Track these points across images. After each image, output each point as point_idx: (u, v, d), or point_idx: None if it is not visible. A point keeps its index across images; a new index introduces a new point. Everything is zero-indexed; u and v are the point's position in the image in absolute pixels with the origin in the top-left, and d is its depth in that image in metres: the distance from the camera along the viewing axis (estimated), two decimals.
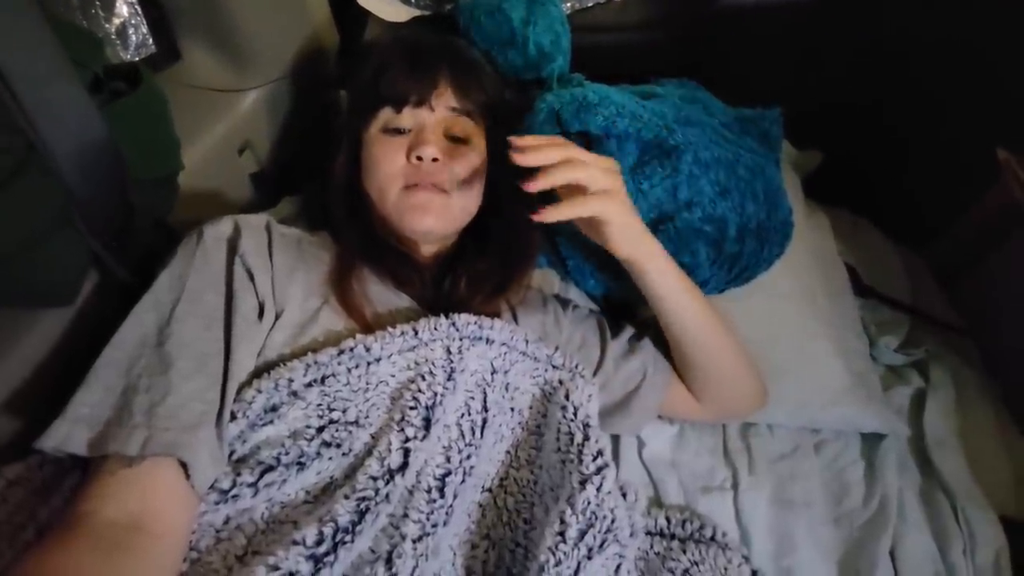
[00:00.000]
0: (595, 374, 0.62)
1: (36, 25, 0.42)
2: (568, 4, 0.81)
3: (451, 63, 0.60)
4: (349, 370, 0.48)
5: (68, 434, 0.39)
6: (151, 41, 0.69)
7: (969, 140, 0.77)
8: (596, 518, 0.47)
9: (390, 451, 0.45)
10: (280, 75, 0.76)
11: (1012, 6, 0.73)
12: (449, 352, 0.51)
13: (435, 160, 0.56)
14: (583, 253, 0.68)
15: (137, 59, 0.68)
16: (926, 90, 0.84)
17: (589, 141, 0.67)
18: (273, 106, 0.77)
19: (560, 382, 0.56)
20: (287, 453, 0.44)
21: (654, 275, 0.57)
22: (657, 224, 0.66)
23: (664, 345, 0.64)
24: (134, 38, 0.67)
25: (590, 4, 0.83)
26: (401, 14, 0.79)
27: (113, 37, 0.65)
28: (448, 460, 0.48)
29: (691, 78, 0.79)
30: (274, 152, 0.79)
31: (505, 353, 0.54)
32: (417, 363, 0.50)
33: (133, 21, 0.67)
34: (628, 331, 0.66)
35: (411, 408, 0.47)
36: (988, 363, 0.78)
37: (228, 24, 0.68)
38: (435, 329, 0.51)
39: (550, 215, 0.51)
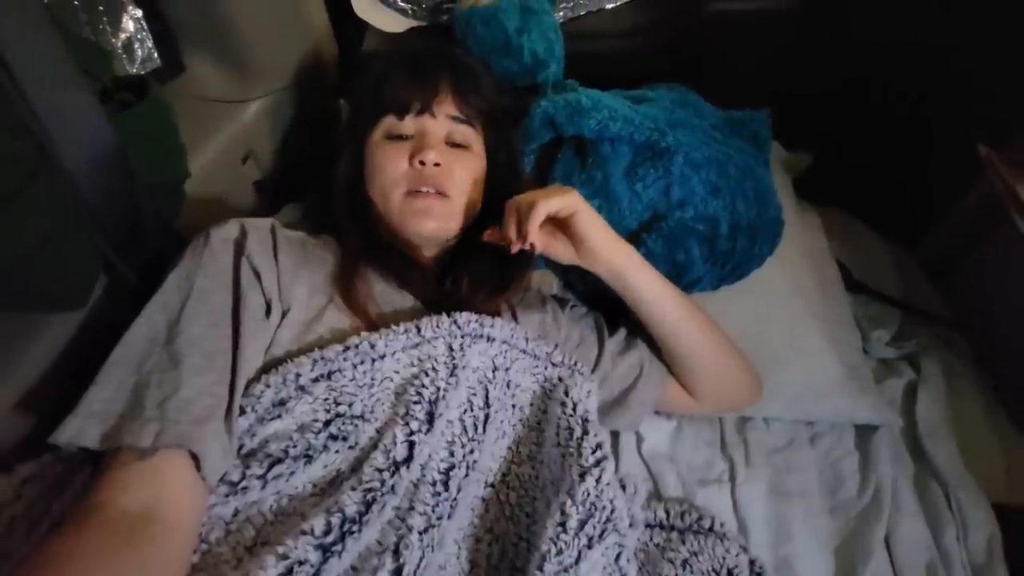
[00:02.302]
0: (593, 371, 0.63)
1: (48, 38, 0.44)
2: (561, 12, 0.83)
3: (452, 71, 0.62)
4: (355, 366, 0.49)
5: (81, 428, 0.40)
6: (156, 55, 0.71)
7: (953, 138, 0.79)
8: (596, 508, 0.48)
9: (395, 444, 0.46)
10: (281, 86, 0.78)
11: (988, 8, 0.75)
12: (451, 349, 0.52)
13: (437, 165, 0.58)
14: None
15: (143, 72, 0.70)
16: (911, 91, 0.86)
17: (584, 144, 0.69)
18: (275, 116, 0.79)
19: (559, 379, 0.58)
20: (295, 446, 0.45)
21: (636, 279, 0.59)
22: (651, 224, 0.68)
23: (654, 346, 0.65)
24: (140, 52, 0.69)
25: (582, 12, 0.85)
26: (398, 25, 0.81)
27: (120, 51, 0.67)
28: (452, 454, 0.49)
29: (681, 82, 0.81)
30: (276, 160, 0.81)
31: (506, 351, 0.55)
32: (420, 359, 0.51)
33: (139, 36, 0.68)
34: (624, 328, 0.67)
35: (415, 402, 0.48)
36: (978, 354, 0.79)
37: (230, 37, 0.70)
38: (437, 327, 0.52)
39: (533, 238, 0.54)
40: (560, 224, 0.57)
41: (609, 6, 0.86)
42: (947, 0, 0.79)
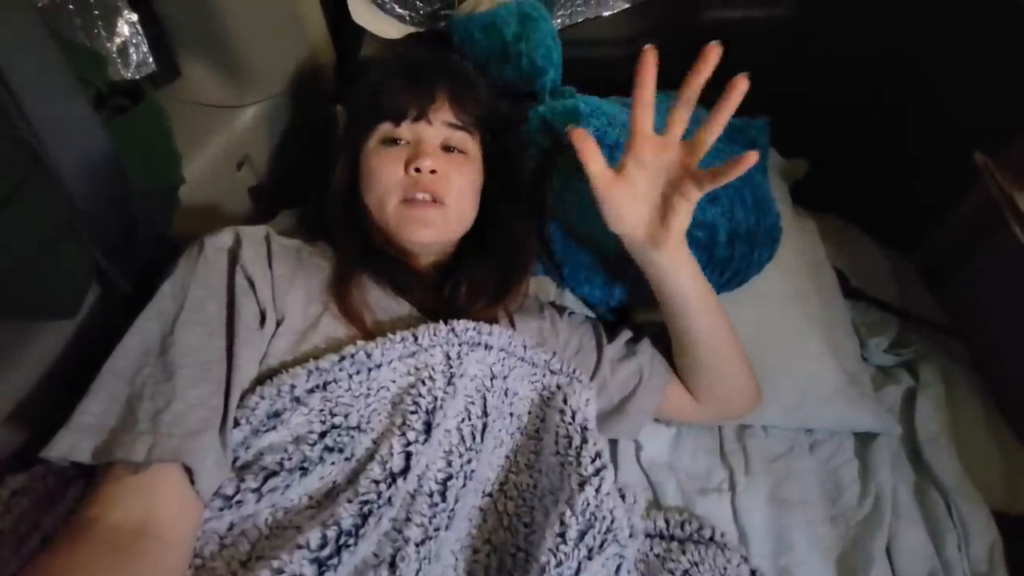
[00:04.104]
0: (592, 378, 0.62)
1: (42, 42, 0.43)
2: (559, 19, 0.83)
3: (448, 78, 0.61)
4: (350, 376, 0.48)
5: (73, 443, 0.39)
6: (151, 59, 0.70)
7: (949, 144, 0.79)
8: (595, 519, 0.48)
9: (392, 455, 0.46)
10: (278, 91, 0.77)
11: (986, 14, 0.76)
12: (449, 358, 0.51)
13: (433, 172, 0.57)
14: (577, 259, 0.69)
15: (138, 77, 0.69)
16: (907, 97, 0.87)
17: None
18: (271, 121, 0.78)
19: (558, 387, 0.57)
20: (290, 458, 0.44)
21: (684, 271, 0.58)
22: None
23: (661, 346, 0.65)
24: (135, 57, 0.69)
25: (580, 19, 0.85)
26: (396, 31, 0.81)
27: (114, 56, 0.66)
28: (449, 464, 0.48)
29: (679, 90, 0.81)
30: (272, 166, 0.81)
31: (504, 359, 0.55)
32: (417, 368, 0.51)
33: (134, 40, 0.68)
34: (624, 335, 0.67)
35: (412, 412, 0.48)
36: (976, 361, 0.79)
37: (227, 42, 0.69)
38: (434, 335, 0.52)
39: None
40: (673, 183, 0.53)
41: (607, 13, 0.86)
42: (944, 7, 0.79)
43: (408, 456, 0.46)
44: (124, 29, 0.67)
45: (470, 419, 0.51)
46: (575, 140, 0.54)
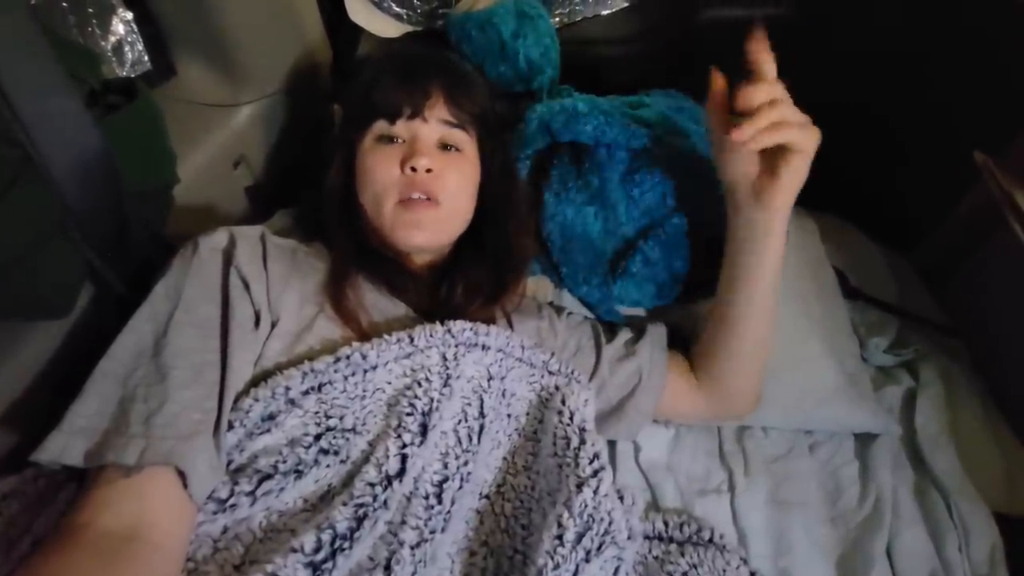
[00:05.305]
0: (591, 379, 0.62)
1: (35, 40, 0.43)
2: (557, 18, 0.83)
3: (444, 76, 0.61)
4: (346, 378, 0.48)
5: (65, 446, 0.39)
6: (147, 58, 0.70)
7: (949, 143, 0.79)
8: (593, 521, 0.47)
9: (387, 457, 0.45)
10: (274, 90, 0.77)
11: (985, 14, 0.75)
12: (445, 359, 0.51)
13: (429, 171, 0.57)
14: (576, 259, 0.69)
15: (133, 75, 0.69)
16: (906, 97, 0.87)
17: (580, 150, 0.68)
18: (267, 120, 0.78)
19: (556, 388, 0.57)
20: (285, 461, 0.44)
21: (774, 238, 0.57)
22: (648, 230, 0.67)
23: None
24: (130, 55, 0.68)
25: (579, 18, 0.85)
26: (393, 30, 0.80)
27: (109, 54, 0.66)
28: (446, 466, 0.48)
29: (677, 88, 0.81)
30: (268, 166, 0.80)
31: (501, 359, 0.55)
32: (413, 370, 0.50)
33: (129, 38, 0.68)
34: (624, 334, 0.66)
35: (408, 414, 0.47)
36: (976, 361, 0.79)
37: (222, 40, 0.69)
38: (431, 336, 0.51)
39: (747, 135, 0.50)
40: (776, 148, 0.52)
41: (605, 12, 0.86)
42: (943, 7, 0.79)
43: (404, 458, 0.46)
44: (119, 27, 0.67)
45: (467, 421, 0.50)
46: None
